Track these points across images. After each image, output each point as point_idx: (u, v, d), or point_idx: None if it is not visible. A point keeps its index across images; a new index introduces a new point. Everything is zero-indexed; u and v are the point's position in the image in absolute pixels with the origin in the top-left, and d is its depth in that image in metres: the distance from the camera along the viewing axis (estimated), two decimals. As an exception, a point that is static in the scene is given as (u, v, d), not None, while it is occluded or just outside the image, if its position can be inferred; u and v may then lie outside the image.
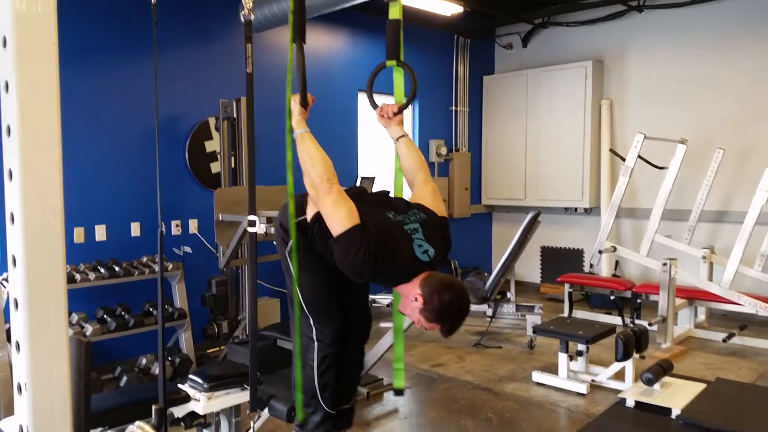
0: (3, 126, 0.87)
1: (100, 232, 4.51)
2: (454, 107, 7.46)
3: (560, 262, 7.27)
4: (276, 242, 2.55)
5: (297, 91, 2.19)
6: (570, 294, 5.87)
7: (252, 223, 2.24)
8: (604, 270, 6.72)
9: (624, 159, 5.68)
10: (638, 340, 3.86)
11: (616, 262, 6.81)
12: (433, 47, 7.17)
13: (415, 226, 2.16)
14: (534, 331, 4.56)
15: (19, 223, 0.86)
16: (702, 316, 5.71)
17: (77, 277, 4.01)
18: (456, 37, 7.38)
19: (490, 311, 5.33)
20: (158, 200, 2.29)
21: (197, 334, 4.68)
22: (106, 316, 4.16)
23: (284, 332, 3.59)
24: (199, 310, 4.76)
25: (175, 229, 4.92)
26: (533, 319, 5.18)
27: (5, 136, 0.87)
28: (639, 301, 5.53)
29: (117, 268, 4.23)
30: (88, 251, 4.39)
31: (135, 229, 4.69)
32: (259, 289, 4.68)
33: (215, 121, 5.03)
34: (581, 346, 4.21)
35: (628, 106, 6.84)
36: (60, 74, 0.89)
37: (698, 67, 6.27)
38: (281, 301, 5.23)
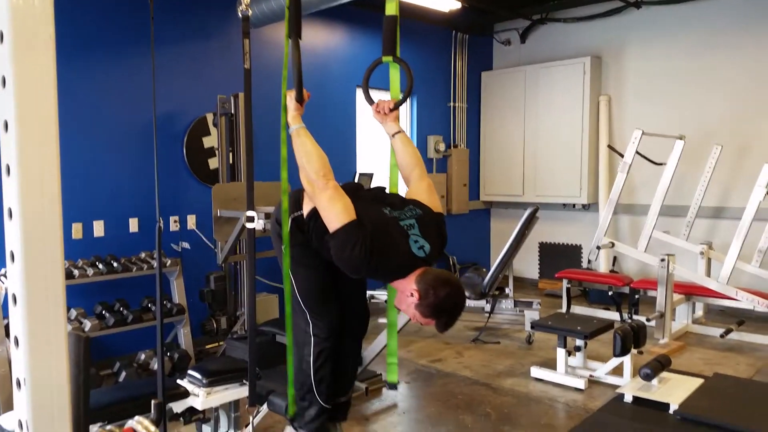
0: (0, 121, 0.87)
1: (99, 228, 4.51)
2: (452, 103, 7.45)
3: (558, 257, 7.27)
4: (272, 238, 2.55)
5: (293, 86, 2.19)
6: (568, 290, 5.88)
7: (250, 218, 2.24)
8: (602, 266, 6.73)
9: (622, 155, 5.68)
10: (636, 336, 3.88)
11: (614, 258, 6.83)
12: (431, 43, 7.16)
13: (411, 222, 2.17)
14: (532, 327, 4.56)
15: (17, 219, 0.86)
16: (700, 312, 5.73)
17: (75, 272, 4.01)
18: (454, 33, 7.37)
19: (488, 307, 5.33)
20: (156, 196, 2.30)
21: (196, 330, 4.68)
22: (104, 312, 4.16)
23: (283, 328, 3.56)
24: (198, 305, 4.76)
25: (174, 225, 4.92)
26: (531, 315, 5.18)
27: (2, 132, 0.87)
28: (637, 296, 5.54)
29: (115, 264, 4.23)
30: (86, 247, 4.39)
31: (133, 225, 4.69)
32: (257, 285, 4.67)
33: (213, 117, 5.02)
34: (579, 342, 4.21)
35: (626, 102, 6.83)
36: (57, 70, 0.89)
37: (696, 63, 6.27)
38: (280, 297, 5.23)
